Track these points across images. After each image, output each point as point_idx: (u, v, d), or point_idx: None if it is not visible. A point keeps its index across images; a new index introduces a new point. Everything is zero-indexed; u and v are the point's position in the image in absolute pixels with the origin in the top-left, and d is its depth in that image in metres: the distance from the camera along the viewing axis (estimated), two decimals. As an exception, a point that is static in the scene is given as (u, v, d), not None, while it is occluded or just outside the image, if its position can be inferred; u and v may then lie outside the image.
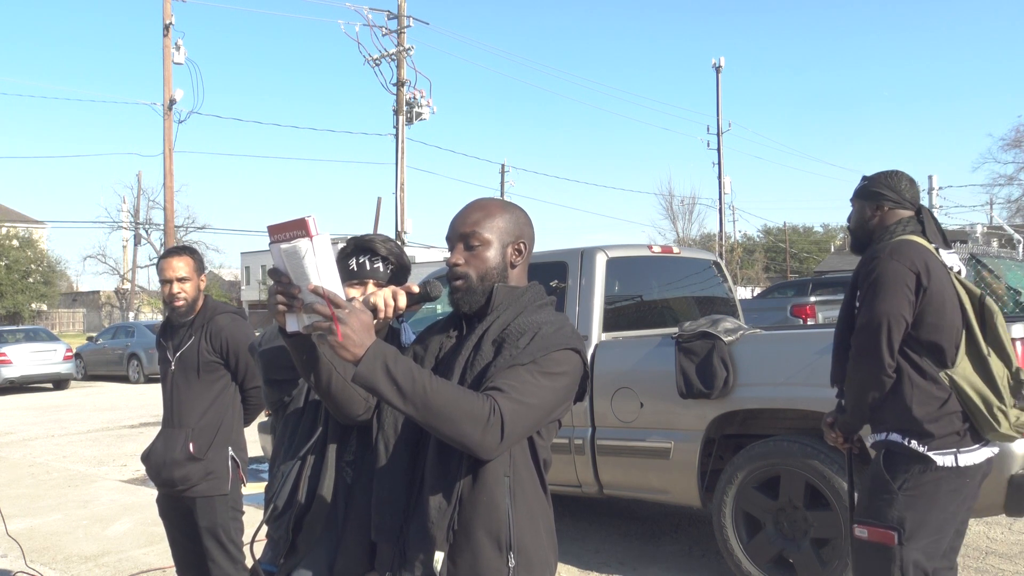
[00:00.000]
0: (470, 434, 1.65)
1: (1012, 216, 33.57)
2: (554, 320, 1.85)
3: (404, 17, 24.82)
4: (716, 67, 36.01)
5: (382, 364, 1.62)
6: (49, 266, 46.39)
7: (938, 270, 2.76)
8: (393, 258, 2.20)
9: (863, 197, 3.04)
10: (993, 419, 2.71)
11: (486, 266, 1.87)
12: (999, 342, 2.80)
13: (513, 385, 1.71)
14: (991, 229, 12.62)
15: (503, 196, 43.54)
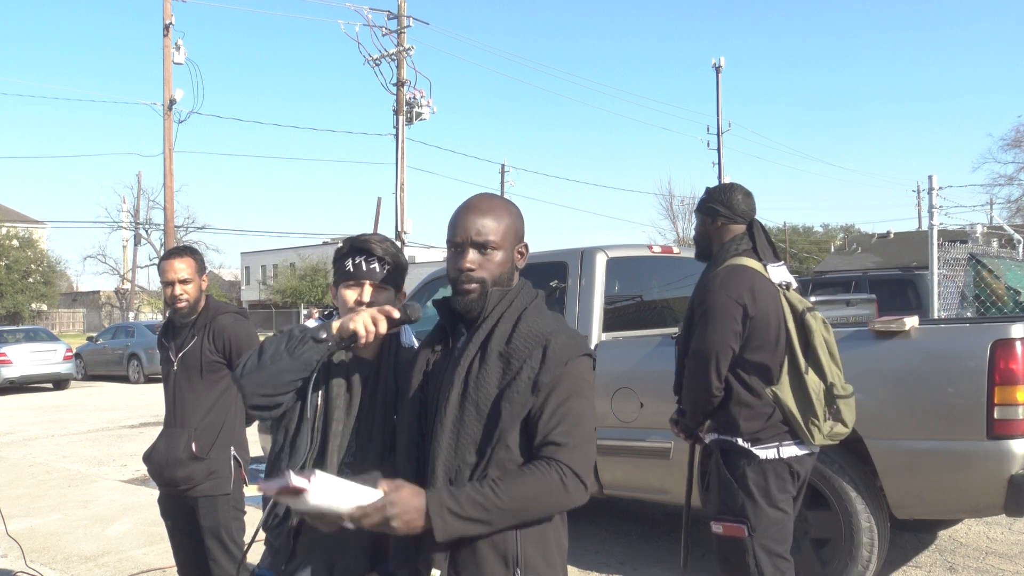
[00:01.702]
0: (560, 505, 1.74)
1: (1012, 216, 33.60)
2: (556, 327, 1.83)
3: (404, 17, 24.82)
4: (716, 67, 36.00)
5: (450, 515, 1.66)
6: (49, 266, 46.39)
7: (763, 293, 3.00)
8: (389, 258, 2.18)
9: (702, 211, 3.26)
10: (808, 432, 2.98)
11: (500, 270, 1.86)
12: (816, 358, 3.03)
13: (563, 431, 1.73)
14: (991, 229, 12.60)
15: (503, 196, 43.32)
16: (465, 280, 1.84)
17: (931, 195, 8.38)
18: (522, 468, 1.73)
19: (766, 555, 2.98)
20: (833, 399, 3.01)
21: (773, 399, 3.00)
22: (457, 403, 1.79)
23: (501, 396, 1.76)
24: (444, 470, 1.77)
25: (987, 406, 3.86)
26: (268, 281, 59.74)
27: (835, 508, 4.22)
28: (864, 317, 9.75)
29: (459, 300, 1.86)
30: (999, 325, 4.08)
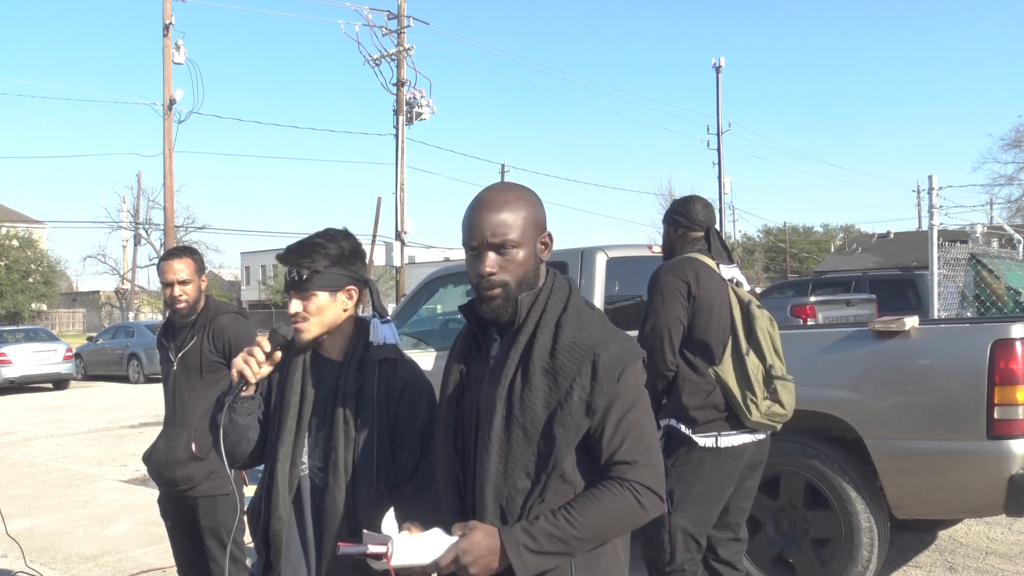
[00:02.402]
0: (637, 523, 1.69)
1: (1012, 216, 33.60)
2: (601, 336, 1.70)
3: (404, 17, 24.81)
4: (716, 67, 36.00)
5: (527, 552, 1.61)
6: (49, 266, 46.38)
7: (708, 280, 3.27)
8: (307, 263, 2.08)
9: (666, 221, 3.61)
10: (746, 408, 3.18)
11: (523, 270, 1.73)
12: (758, 343, 3.25)
13: (630, 448, 1.67)
14: (991, 229, 12.60)
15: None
16: (487, 286, 1.71)
17: (931, 195, 8.38)
18: (594, 492, 1.66)
19: (681, 534, 3.21)
20: (771, 379, 3.23)
21: (715, 378, 3.22)
22: (502, 426, 1.69)
23: (552, 419, 1.66)
24: (494, 497, 1.69)
25: (987, 406, 3.86)
26: (268, 281, 59.71)
27: (835, 508, 4.22)
28: (864, 317, 9.75)
29: (485, 308, 1.74)
30: (999, 325, 4.07)
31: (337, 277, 2.11)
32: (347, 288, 2.13)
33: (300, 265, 2.08)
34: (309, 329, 2.09)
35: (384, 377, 2.11)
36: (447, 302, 6.83)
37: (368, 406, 2.08)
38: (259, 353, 2.07)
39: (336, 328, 2.14)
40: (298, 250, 2.11)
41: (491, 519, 1.69)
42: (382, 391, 2.10)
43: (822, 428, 4.41)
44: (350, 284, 2.13)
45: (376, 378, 2.10)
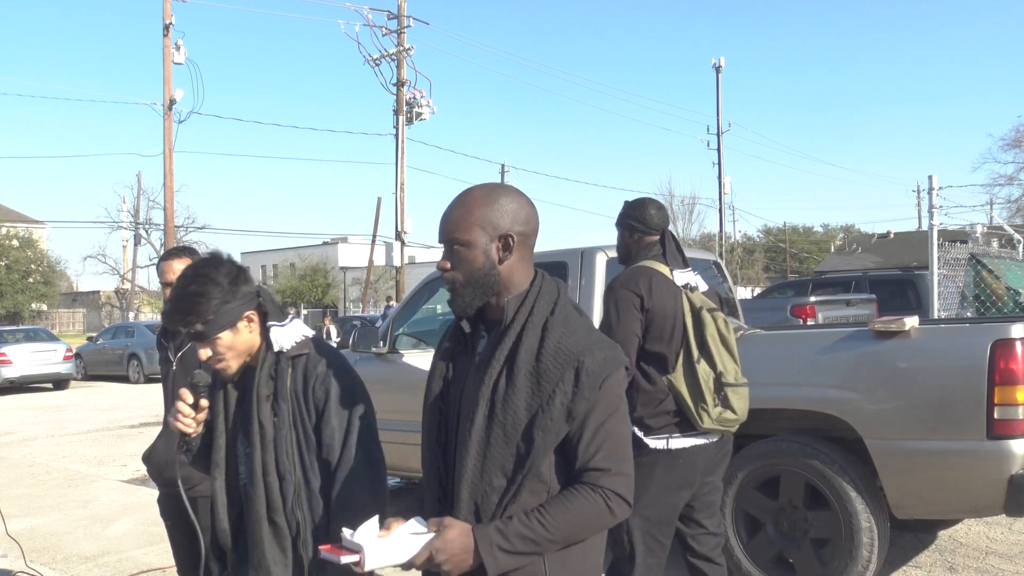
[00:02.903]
0: (604, 527, 1.74)
1: (1012, 216, 33.60)
2: (587, 343, 1.73)
3: (404, 17, 24.82)
4: (716, 67, 36.01)
5: (500, 552, 1.65)
6: (49, 266, 46.39)
7: (661, 290, 3.29)
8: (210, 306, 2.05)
9: (620, 225, 3.60)
10: (698, 416, 3.25)
11: (470, 268, 1.76)
12: (708, 350, 3.30)
13: (604, 456, 1.70)
14: (991, 229, 12.59)
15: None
16: (444, 281, 1.80)
17: (931, 195, 8.37)
18: (567, 495, 1.70)
19: (640, 533, 3.30)
20: (721, 386, 3.28)
21: (667, 386, 3.28)
22: (483, 424, 1.72)
23: (533, 422, 1.70)
24: (470, 494, 1.74)
25: (987, 406, 3.86)
26: (268, 281, 59.72)
27: (835, 508, 4.22)
28: (864, 317, 9.75)
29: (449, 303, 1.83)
30: (999, 325, 4.07)
31: (229, 314, 2.09)
32: (243, 316, 2.12)
33: (190, 324, 2.07)
34: (230, 365, 2.14)
35: (298, 372, 2.14)
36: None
37: (284, 405, 2.11)
38: (185, 408, 2.13)
39: (255, 347, 2.17)
40: (181, 311, 2.07)
41: (465, 515, 1.73)
42: (298, 385, 2.12)
43: (822, 428, 4.41)
44: (244, 311, 2.12)
45: (290, 375, 2.13)
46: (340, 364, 2.17)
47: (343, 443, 2.09)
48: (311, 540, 2.10)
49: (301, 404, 2.11)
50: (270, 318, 2.16)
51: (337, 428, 2.10)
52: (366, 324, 7.03)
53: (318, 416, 2.11)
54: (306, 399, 2.11)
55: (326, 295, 49.68)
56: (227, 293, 2.08)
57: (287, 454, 2.10)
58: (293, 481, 2.09)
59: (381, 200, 29.70)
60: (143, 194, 46.88)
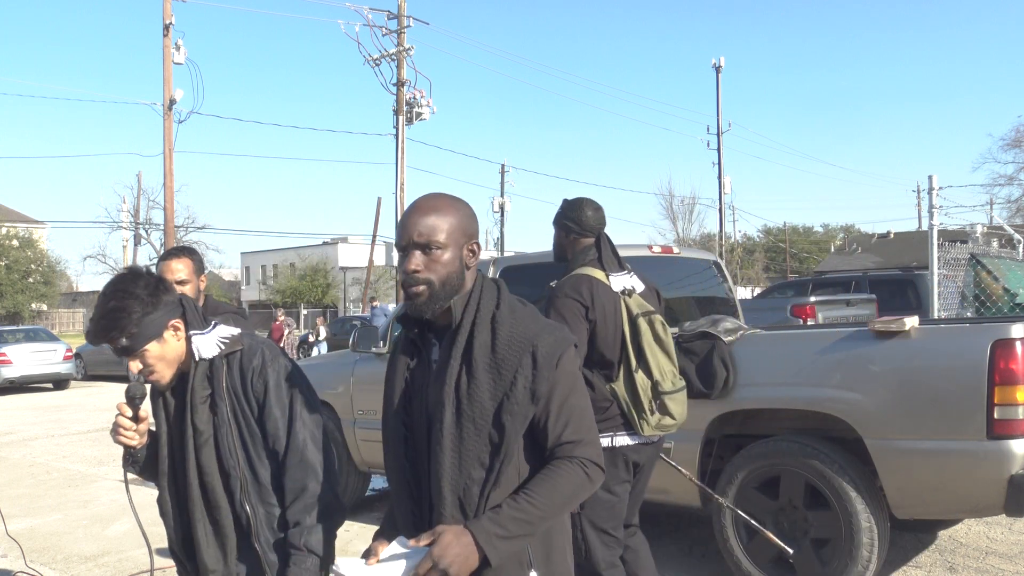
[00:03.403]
0: (588, 495, 1.82)
1: (1012, 216, 33.59)
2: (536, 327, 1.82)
3: (404, 17, 24.82)
4: (716, 67, 36.00)
5: (499, 540, 1.70)
6: (49, 266, 46.40)
7: (602, 299, 3.34)
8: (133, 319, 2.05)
9: (556, 224, 3.63)
10: (639, 424, 3.35)
11: (447, 271, 1.81)
12: (645, 358, 3.37)
13: (574, 429, 1.80)
14: (991, 229, 12.59)
15: (503, 196, 43.44)
16: (412, 283, 1.81)
17: (931, 195, 8.37)
18: (546, 472, 1.78)
19: (593, 531, 3.36)
20: (658, 394, 3.37)
21: (611, 393, 3.38)
22: (453, 422, 1.77)
23: (500, 409, 1.76)
24: (451, 489, 1.78)
25: (987, 406, 3.86)
26: (268, 281, 59.70)
27: (835, 508, 4.22)
28: (864, 317, 9.75)
29: (410, 305, 1.83)
30: (999, 325, 4.07)
31: (152, 325, 2.09)
32: (168, 326, 2.12)
33: (114, 340, 2.07)
34: (162, 375, 2.14)
35: (235, 369, 2.16)
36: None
37: (222, 403, 2.13)
38: (124, 421, 2.18)
39: (185, 355, 2.17)
40: (104, 327, 2.06)
41: (450, 511, 1.77)
42: (235, 381, 2.15)
43: (822, 428, 4.41)
44: (168, 320, 2.12)
45: (226, 373, 2.15)
46: (275, 355, 2.19)
47: (288, 431, 2.13)
48: (266, 532, 2.14)
49: (241, 399, 2.14)
50: (191, 327, 2.16)
51: (280, 417, 2.13)
52: (366, 324, 7.04)
53: (260, 408, 2.13)
54: (245, 394, 2.14)
55: (326, 295, 49.67)
56: (147, 305, 2.07)
57: (230, 451, 2.13)
58: (239, 476, 2.12)
59: (381, 200, 29.75)
60: (143, 194, 46.92)
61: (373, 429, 6.32)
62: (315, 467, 2.12)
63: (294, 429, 2.12)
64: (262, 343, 2.22)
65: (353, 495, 6.72)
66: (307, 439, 2.13)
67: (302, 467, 2.11)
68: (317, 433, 2.16)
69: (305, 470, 2.11)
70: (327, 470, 2.14)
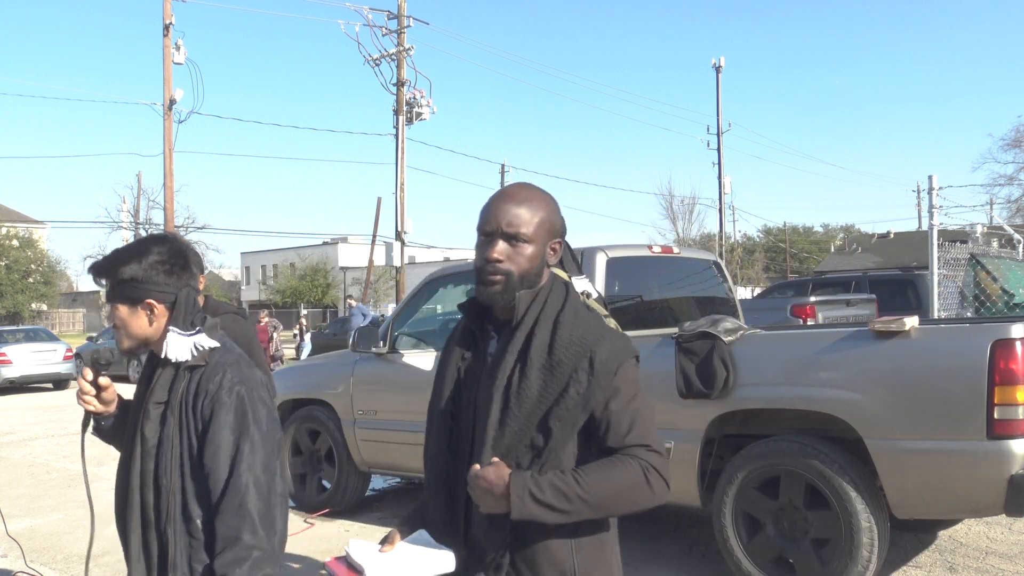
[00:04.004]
0: (641, 503, 1.69)
1: (1012, 216, 33.58)
2: (598, 332, 1.76)
3: (404, 17, 24.80)
4: (716, 67, 35.98)
5: (529, 497, 1.62)
6: (49, 266, 46.40)
7: None
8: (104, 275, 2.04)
9: None
10: None
11: (529, 264, 1.77)
12: None
13: (639, 433, 1.70)
14: (991, 229, 12.58)
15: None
16: (491, 271, 1.75)
17: (931, 195, 8.37)
18: (606, 460, 1.68)
19: None
20: None
21: None
22: (498, 419, 1.72)
23: (549, 413, 1.69)
24: None
25: (987, 406, 3.86)
26: (268, 281, 59.71)
27: (835, 508, 4.22)
28: (864, 317, 9.74)
29: (482, 291, 1.78)
30: (999, 325, 4.07)
31: (133, 289, 2.00)
32: (145, 301, 2.01)
33: (97, 277, 2.05)
34: (121, 340, 2.07)
35: (192, 384, 1.99)
36: (447, 302, 6.83)
37: (171, 416, 1.98)
38: (85, 385, 2.12)
39: (155, 340, 2.05)
40: (100, 261, 2.05)
41: None
42: (189, 397, 1.98)
43: (822, 428, 4.42)
44: (147, 298, 2.01)
45: (184, 384, 1.99)
46: (238, 381, 1.98)
47: (230, 471, 1.91)
48: (184, 567, 1.97)
49: (190, 418, 1.97)
50: (175, 323, 2.02)
51: (222, 451, 1.91)
52: (366, 324, 7.04)
53: (202, 432, 1.94)
54: (194, 412, 1.96)
55: (326, 295, 49.68)
56: (142, 269, 2.00)
57: (165, 469, 1.97)
58: (166, 498, 1.97)
59: (381, 200, 29.70)
60: (143, 194, 46.85)
61: (373, 429, 6.32)
62: (254, 517, 1.88)
63: (237, 471, 1.90)
64: (230, 364, 2.01)
65: (353, 495, 6.72)
66: (250, 484, 1.90)
67: (239, 514, 1.88)
68: (264, 477, 1.93)
69: (243, 518, 1.88)
70: (269, 519, 1.92)
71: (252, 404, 1.97)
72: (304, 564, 5.44)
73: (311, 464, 6.86)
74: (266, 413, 2.00)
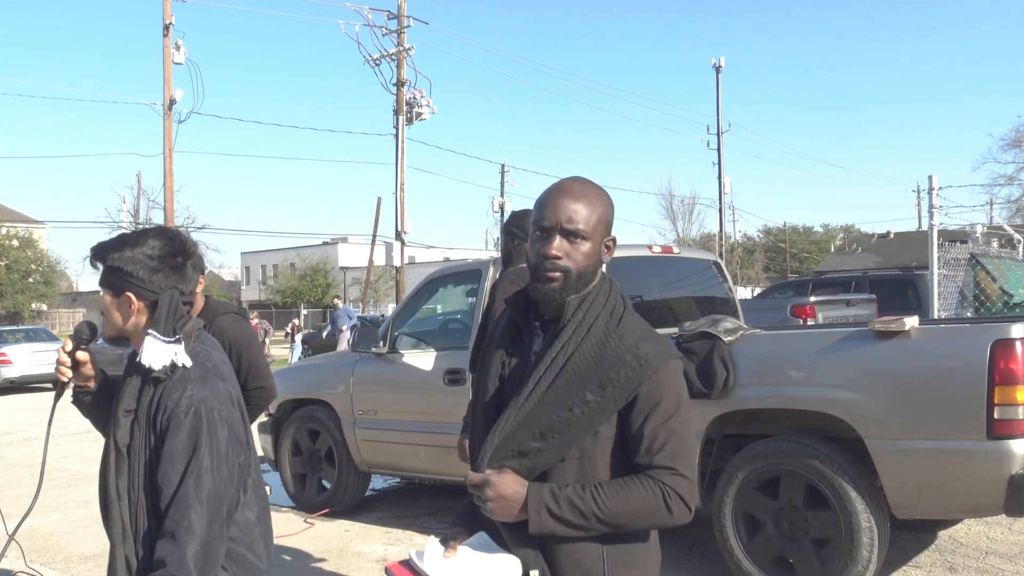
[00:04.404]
0: (659, 523, 1.68)
1: (1012, 216, 33.58)
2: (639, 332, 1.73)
3: (404, 17, 24.80)
4: (716, 67, 35.96)
5: (547, 512, 1.63)
6: (49, 266, 46.38)
7: None
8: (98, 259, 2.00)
9: (504, 232, 3.97)
10: None
11: (587, 262, 1.75)
12: None
13: (668, 454, 1.66)
14: (991, 229, 12.59)
15: (503, 196, 43.40)
16: (549, 267, 1.72)
17: (931, 195, 8.38)
18: (625, 479, 1.67)
19: None
20: None
21: None
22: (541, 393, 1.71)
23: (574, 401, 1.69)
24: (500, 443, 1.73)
25: (987, 406, 3.86)
26: (268, 281, 59.69)
27: (835, 508, 4.22)
28: (864, 317, 9.74)
29: (538, 288, 1.74)
30: (999, 325, 4.07)
31: (116, 279, 1.96)
32: (124, 294, 1.95)
33: (91, 258, 2.03)
34: (106, 327, 2.05)
35: (155, 396, 1.90)
36: (447, 302, 6.83)
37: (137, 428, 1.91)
38: (63, 355, 2.11)
39: (135, 335, 2.00)
40: (98, 243, 2.02)
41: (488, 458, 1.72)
42: (152, 408, 1.90)
43: (822, 428, 4.42)
44: (128, 290, 1.95)
45: (150, 397, 1.91)
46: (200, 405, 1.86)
47: (174, 494, 1.80)
48: None
49: (149, 430, 1.89)
50: (155, 326, 1.92)
51: (172, 475, 1.81)
52: (366, 324, 7.03)
53: (156, 448, 1.86)
54: (152, 427, 1.88)
55: (326, 295, 49.63)
56: (129, 261, 1.94)
57: (134, 482, 1.89)
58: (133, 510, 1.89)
59: (381, 200, 29.67)
60: (143, 194, 46.88)
61: (373, 429, 6.32)
62: (185, 546, 1.75)
63: (180, 490, 1.79)
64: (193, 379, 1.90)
65: (353, 495, 6.72)
66: (190, 505, 1.78)
67: (173, 542, 1.76)
68: (208, 506, 1.80)
69: (173, 547, 1.76)
70: (208, 552, 1.79)
71: (210, 425, 1.85)
72: (304, 564, 5.44)
73: (311, 464, 6.86)
74: (227, 434, 1.88)
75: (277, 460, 7.03)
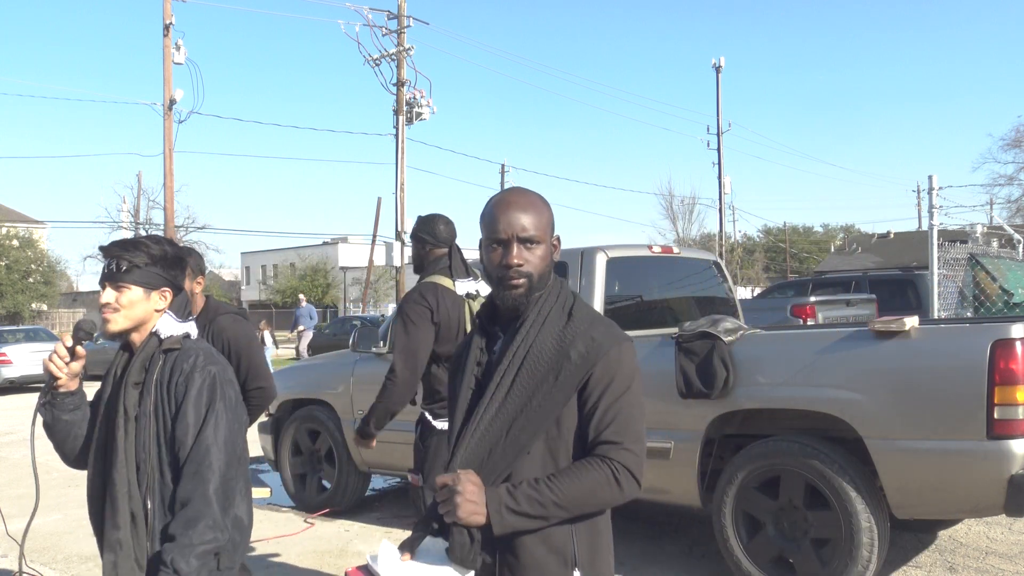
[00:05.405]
0: (613, 501, 1.79)
1: (1012, 216, 33.57)
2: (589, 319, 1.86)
3: (404, 17, 24.80)
4: (716, 67, 35.96)
5: (507, 511, 1.72)
6: (49, 266, 46.36)
7: (447, 303, 3.66)
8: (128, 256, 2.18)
9: (413, 238, 3.98)
10: None
11: (543, 264, 1.88)
12: None
13: (616, 430, 1.78)
14: (991, 229, 12.59)
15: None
16: (514, 275, 1.85)
17: (931, 195, 8.38)
18: (576, 465, 1.77)
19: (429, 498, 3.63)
20: None
21: None
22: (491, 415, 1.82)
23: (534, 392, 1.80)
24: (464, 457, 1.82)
25: (987, 406, 3.86)
26: (268, 281, 59.71)
27: (835, 508, 4.22)
28: (864, 317, 9.75)
29: (506, 295, 1.87)
30: (999, 325, 4.08)
31: (154, 276, 2.21)
32: (162, 289, 2.23)
33: (120, 257, 2.17)
34: (116, 321, 2.18)
35: (167, 365, 2.17)
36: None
37: (148, 396, 2.14)
38: (61, 349, 2.23)
39: (144, 326, 2.22)
40: (122, 244, 2.21)
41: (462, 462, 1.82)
42: (164, 376, 2.15)
43: (822, 428, 4.42)
44: (165, 286, 2.23)
45: (159, 367, 2.17)
46: (209, 362, 2.18)
47: (195, 439, 2.08)
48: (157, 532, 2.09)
49: (164, 396, 2.14)
50: (173, 309, 2.25)
51: (192, 425, 2.09)
52: (366, 324, 7.04)
53: (176, 410, 2.11)
54: (169, 391, 2.13)
55: (326, 295, 49.69)
56: (165, 262, 2.22)
57: (144, 444, 2.13)
58: (147, 471, 2.12)
59: (381, 200, 29.73)
60: (143, 194, 46.83)
61: (373, 429, 6.31)
62: (207, 482, 2.04)
63: (201, 435, 2.08)
64: (203, 349, 2.22)
65: (353, 495, 6.72)
66: (210, 447, 2.07)
67: (196, 479, 2.04)
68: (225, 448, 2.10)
69: (196, 484, 2.03)
70: (226, 491, 2.08)
71: (222, 384, 2.16)
72: (304, 564, 5.45)
73: (311, 464, 6.87)
74: (233, 394, 2.19)
75: (277, 460, 7.03)
